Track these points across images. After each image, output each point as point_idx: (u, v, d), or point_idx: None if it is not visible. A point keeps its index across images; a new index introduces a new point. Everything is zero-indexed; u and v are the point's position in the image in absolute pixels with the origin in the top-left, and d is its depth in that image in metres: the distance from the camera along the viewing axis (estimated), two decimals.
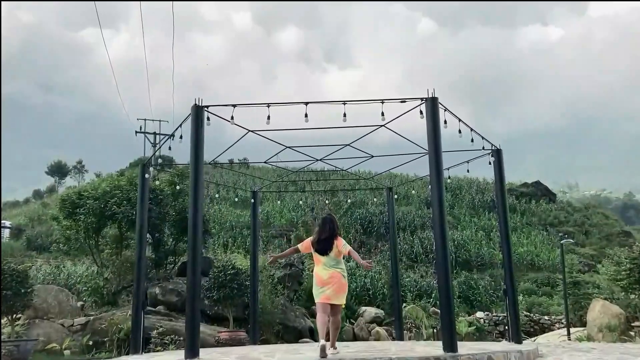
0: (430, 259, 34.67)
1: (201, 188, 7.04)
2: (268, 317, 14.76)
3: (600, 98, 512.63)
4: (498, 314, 22.28)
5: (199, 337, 6.87)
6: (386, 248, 35.93)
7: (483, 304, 30.60)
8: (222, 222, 38.94)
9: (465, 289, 31.19)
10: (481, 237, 39.23)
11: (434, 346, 7.82)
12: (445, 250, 6.97)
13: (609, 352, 9.38)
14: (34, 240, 36.80)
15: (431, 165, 7.13)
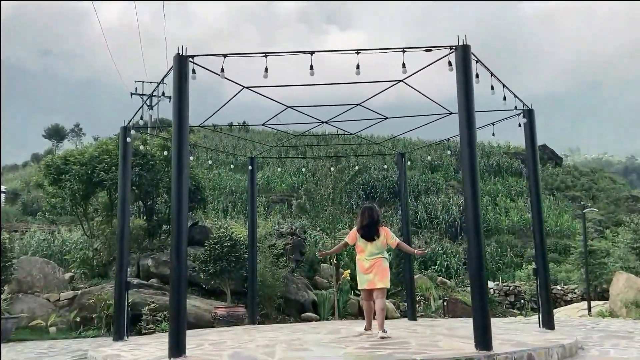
0: (435, 225, 33.79)
1: (185, 154, 5.88)
2: (268, 291, 13.78)
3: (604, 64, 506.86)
4: (508, 284, 21.39)
5: (185, 333, 5.81)
6: (389, 214, 35.02)
7: (489, 270, 29.82)
8: (221, 187, 37.92)
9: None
10: (487, 203, 38.23)
11: (459, 338, 6.80)
12: (478, 236, 5.85)
13: None
14: (30, 205, 35.86)
15: (462, 126, 5.96)
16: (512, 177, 44.73)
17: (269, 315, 13.84)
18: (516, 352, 5.54)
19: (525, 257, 31.34)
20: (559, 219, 36.67)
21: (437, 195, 37.99)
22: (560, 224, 35.76)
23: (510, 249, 32.18)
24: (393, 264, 19.97)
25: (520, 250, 32.34)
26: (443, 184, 40.76)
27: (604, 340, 7.66)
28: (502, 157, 46.88)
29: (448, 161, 44.93)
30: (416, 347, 5.92)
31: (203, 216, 27.96)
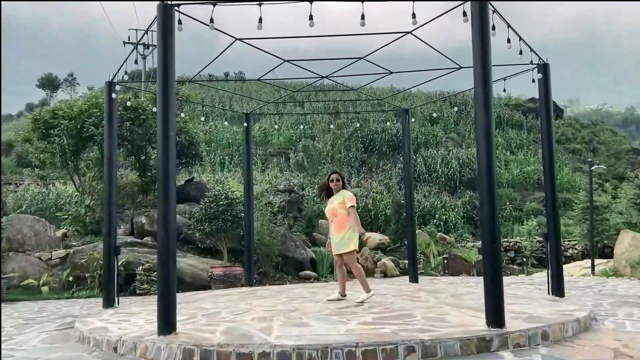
0: (434, 179, 33.38)
1: (172, 113, 5.34)
2: (266, 249, 13.48)
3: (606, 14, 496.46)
4: (508, 240, 21.18)
5: (176, 308, 5.42)
6: (388, 167, 34.58)
7: None
8: (218, 140, 37.26)
9: (469, 209, 30.19)
10: None
11: (467, 310, 6.44)
12: (493, 208, 5.37)
13: None
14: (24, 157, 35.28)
15: (477, 82, 5.41)
16: (513, 130, 44.09)
17: (267, 273, 13.58)
18: (530, 330, 5.18)
19: (525, 210, 31.14)
20: (559, 173, 36.25)
21: (436, 149, 37.43)
22: (561, 178, 35.36)
23: (510, 202, 31.93)
24: (392, 219, 19.69)
25: (520, 204, 32.10)
26: (443, 136, 40.15)
27: (615, 308, 7.34)
28: (503, 109, 46.09)
29: (448, 113, 44.16)
30: (422, 322, 5.55)
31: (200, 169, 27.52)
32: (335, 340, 4.81)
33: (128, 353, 5.27)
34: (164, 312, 5.28)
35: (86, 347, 5.73)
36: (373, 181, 32.46)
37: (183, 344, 4.99)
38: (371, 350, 4.70)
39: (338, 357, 4.67)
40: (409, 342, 4.77)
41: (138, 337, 5.38)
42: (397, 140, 37.76)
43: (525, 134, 43.70)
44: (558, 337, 5.37)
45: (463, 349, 4.86)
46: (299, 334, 5.11)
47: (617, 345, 5.17)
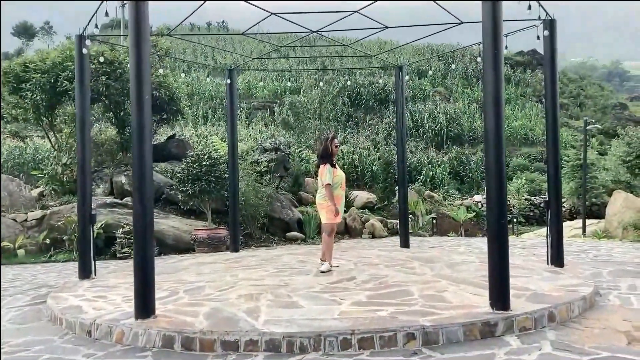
0: (421, 134, 32.93)
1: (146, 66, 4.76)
2: (252, 210, 13.04)
3: None
4: None
5: (154, 291, 4.98)
6: (375, 122, 34.01)
7: (474, 180, 29.53)
8: (200, 92, 36.27)
9: (456, 164, 29.97)
10: (474, 110, 37.33)
11: (466, 285, 6.09)
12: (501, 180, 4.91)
13: None
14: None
15: (486, 41, 4.88)
16: None
17: (253, 235, 13.20)
18: (537, 312, 4.85)
19: (511, 166, 30.99)
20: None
21: (423, 103, 36.88)
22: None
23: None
24: (380, 177, 19.35)
25: (507, 160, 31.93)
26: (430, 90, 39.51)
27: (616, 278, 7.06)
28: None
29: (436, 66, 43.38)
30: (420, 302, 5.19)
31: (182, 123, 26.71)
32: (329, 327, 4.43)
33: (103, 338, 4.86)
34: (141, 295, 4.84)
35: (58, 329, 5.30)
36: (360, 136, 31.95)
37: (163, 330, 4.58)
38: (368, 338, 4.34)
39: (332, 345, 4.30)
40: (409, 328, 4.41)
41: (114, 320, 4.95)
42: (384, 94, 37.06)
43: (513, 88, 43.25)
44: (564, 317, 5.06)
45: (466, 334, 4.51)
46: (289, 318, 4.72)
47: (627, 327, 4.86)
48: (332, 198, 7.21)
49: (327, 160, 7.36)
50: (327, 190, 7.20)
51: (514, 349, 4.32)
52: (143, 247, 4.81)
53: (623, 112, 43.74)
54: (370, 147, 29.82)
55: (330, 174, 7.21)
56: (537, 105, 40.58)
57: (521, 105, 40.31)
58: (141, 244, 4.81)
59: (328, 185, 7.19)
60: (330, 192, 7.19)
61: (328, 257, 7.24)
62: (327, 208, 7.21)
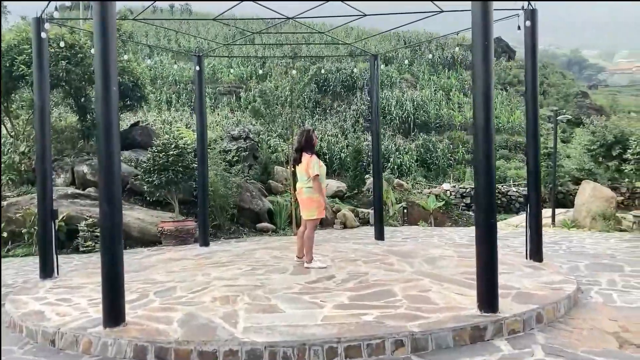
0: (388, 121, 32.87)
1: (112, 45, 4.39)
2: (221, 201, 12.67)
3: None
4: (465, 186, 21.08)
5: (123, 298, 4.65)
6: (342, 108, 33.79)
7: (440, 167, 29.73)
8: (164, 76, 35.31)
9: (423, 152, 30.10)
10: (440, 97, 37.48)
11: (449, 284, 5.93)
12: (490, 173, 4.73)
13: None
14: None
15: (476, 33, 4.66)
16: (466, 71, 43.81)
17: (222, 226, 12.84)
18: (525, 313, 4.72)
19: None
20: (511, 115, 36.49)
21: (390, 90, 36.78)
22: (512, 120, 35.62)
23: (462, 145, 31.99)
24: (350, 166, 19.13)
25: (472, 147, 32.19)
26: (397, 77, 39.45)
27: (594, 272, 7.03)
28: (457, 50, 45.54)
29: (403, 53, 43.32)
30: (405, 304, 4.99)
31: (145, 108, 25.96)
32: (313, 335, 4.19)
33: (68, 348, 4.51)
34: (110, 301, 4.50)
35: (17, 338, 4.92)
36: (327, 123, 31.70)
37: (134, 340, 4.27)
38: (355, 346, 4.12)
39: (317, 354, 4.06)
40: (397, 335, 4.20)
41: (80, 328, 4.60)
42: (351, 80, 36.81)
43: None
44: (551, 317, 4.95)
45: (456, 339, 4.34)
46: (270, 325, 4.46)
47: (615, 327, 4.77)
48: (322, 191, 6.94)
49: (312, 151, 7.06)
50: (316, 183, 6.87)
51: (506, 355, 4.16)
52: (111, 250, 4.46)
53: (584, 101, 44.63)
54: (338, 134, 29.63)
55: (318, 165, 6.92)
56: (501, 93, 41.02)
57: None
58: (109, 247, 4.46)
59: (317, 177, 6.87)
60: (319, 184, 6.89)
61: (309, 255, 6.97)
62: (317, 203, 6.91)
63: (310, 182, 6.91)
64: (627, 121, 21.93)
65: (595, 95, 52.47)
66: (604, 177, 20.10)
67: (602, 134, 19.93)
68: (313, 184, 6.89)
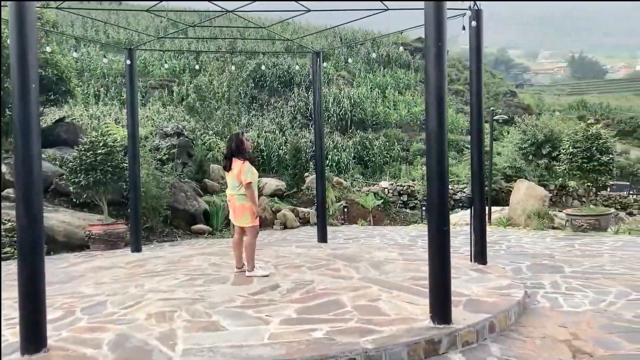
0: (325, 118, 32.74)
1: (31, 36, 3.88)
2: (153, 202, 12.05)
3: None
4: (402, 184, 21.22)
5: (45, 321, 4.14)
6: (280, 104, 33.39)
7: (377, 164, 29.96)
8: (91, 69, 33.67)
9: (360, 149, 30.23)
10: (376, 95, 37.78)
11: (399, 292, 5.73)
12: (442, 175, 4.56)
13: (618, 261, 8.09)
14: None
15: (429, 33, 4.47)
16: (401, 70, 44.42)
17: (154, 229, 12.23)
18: (478, 323, 4.57)
19: (411, 151, 31.74)
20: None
21: (327, 87, 36.70)
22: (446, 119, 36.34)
23: (397, 142, 32.36)
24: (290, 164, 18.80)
25: (407, 145, 32.65)
26: (334, 74, 39.44)
27: (536, 274, 7.06)
28: (392, 48, 46.08)
29: (339, 50, 43.35)
30: (356, 316, 4.74)
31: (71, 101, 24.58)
32: (259, 357, 3.85)
33: None
34: (28, 325, 3.98)
35: None
36: (265, 119, 31.23)
37: None
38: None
39: None
40: (350, 353, 3.93)
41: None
42: (288, 76, 36.46)
43: (413, 74, 44.24)
44: (503, 326, 4.84)
45: (410, 355, 4.13)
46: (212, 346, 4.08)
47: (566, 335, 4.72)
48: (255, 199, 6.58)
49: (245, 157, 6.68)
50: (249, 190, 6.51)
51: None
52: (31, 267, 3.93)
53: (513, 100, 46.26)
54: (276, 130, 29.23)
55: (251, 172, 6.56)
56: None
57: (421, 91, 41.31)
58: (29, 264, 3.94)
59: (250, 185, 6.52)
60: (252, 192, 6.53)
61: (250, 263, 6.62)
62: (250, 210, 6.56)
63: (242, 189, 6.54)
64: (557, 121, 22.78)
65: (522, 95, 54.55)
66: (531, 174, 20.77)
67: (533, 132, 20.58)
68: (246, 191, 6.52)
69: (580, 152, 11.65)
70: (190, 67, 34.31)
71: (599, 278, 6.78)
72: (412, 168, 29.00)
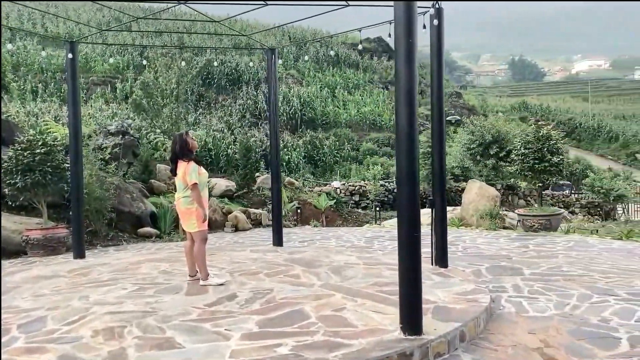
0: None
1: None
2: (97, 204, 11.40)
3: None
4: (354, 184, 21.12)
5: None
6: (228, 103, 32.79)
7: (327, 164, 29.87)
8: (28, 64, 32.04)
9: (310, 148, 30.07)
10: (326, 95, 37.71)
11: (363, 299, 5.49)
12: (413, 178, 4.34)
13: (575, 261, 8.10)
14: None
15: (399, 30, 4.24)
16: (350, 69, 44.53)
17: (98, 232, 11.58)
18: (449, 333, 4.39)
19: (361, 150, 31.80)
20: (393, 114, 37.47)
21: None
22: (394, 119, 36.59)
23: (348, 142, 32.37)
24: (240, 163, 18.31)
25: (357, 144, 32.71)
26: (283, 72, 39.07)
27: (497, 277, 6.99)
28: (340, 47, 46.14)
29: (288, 49, 43.02)
30: (322, 329, 4.46)
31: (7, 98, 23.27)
32: None
33: None
34: None
35: None
36: (212, 117, 30.57)
37: None
38: None
39: None
40: None
41: None
42: (236, 74, 35.86)
43: (362, 74, 44.43)
44: (473, 334, 4.68)
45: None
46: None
47: (536, 342, 4.60)
48: (201, 201, 6.17)
49: (189, 157, 6.25)
50: (194, 191, 6.09)
51: None
52: None
53: (458, 101, 47.15)
54: (224, 129, 28.64)
55: (196, 172, 6.15)
56: (383, 92, 42.14)
57: (369, 91, 41.55)
58: None
59: (195, 186, 6.12)
60: (198, 193, 6.12)
61: (204, 271, 6.22)
62: (197, 214, 6.15)
63: (187, 191, 6.14)
64: (503, 122, 23.22)
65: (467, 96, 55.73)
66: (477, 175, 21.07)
67: (481, 133, 20.89)
68: (191, 193, 6.10)
69: (532, 152, 11.79)
70: (134, 63, 33.25)
71: (559, 280, 6.77)
72: (363, 168, 29.05)
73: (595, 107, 67.42)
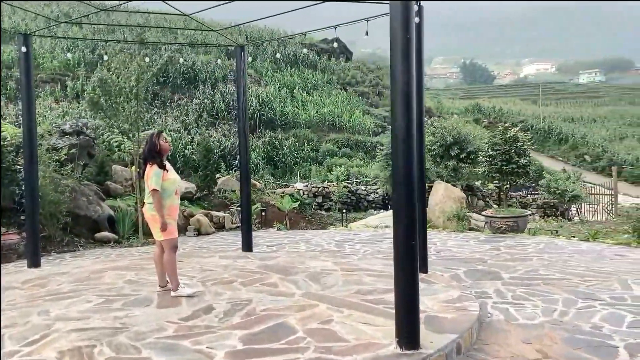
0: (233, 116, 31.83)
1: None
2: (51, 208, 10.74)
3: None
4: (317, 185, 20.87)
5: None
6: (184, 102, 31.97)
7: (287, 165, 29.56)
8: None
9: (269, 149, 29.70)
10: (285, 95, 37.34)
11: (349, 310, 5.21)
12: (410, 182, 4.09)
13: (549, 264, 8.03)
14: None
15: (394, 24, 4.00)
16: (308, 70, 44.29)
17: (53, 237, 10.92)
18: (447, 346, 4.16)
19: (321, 151, 31.60)
20: (352, 115, 37.49)
21: (234, 85, 35.68)
22: (353, 120, 36.60)
23: (307, 142, 32.12)
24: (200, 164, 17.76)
25: (317, 145, 32.49)
26: None
27: (477, 282, 6.86)
28: (298, 47, 45.83)
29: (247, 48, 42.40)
30: (312, 345, 4.15)
31: None
32: None
33: None
34: None
35: None
36: (168, 117, 29.77)
37: None
38: None
39: None
40: None
41: None
42: (192, 72, 35.04)
43: (320, 74, 44.27)
44: (468, 345, 4.49)
45: None
46: None
47: (533, 353, 4.42)
48: (160, 208, 5.66)
49: (154, 161, 5.80)
50: (153, 198, 5.66)
51: None
52: None
53: None
54: (180, 129, 27.92)
55: (157, 177, 5.70)
56: (342, 93, 42.10)
57: (328, 92, 41.42)
58: None
59: (155, 192, 5.65)
60: (158, 200, 5.65)
61: (174, 281, 5.81)
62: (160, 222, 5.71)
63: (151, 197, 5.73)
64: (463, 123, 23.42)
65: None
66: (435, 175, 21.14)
67: (442, 135, 20.96)
68: (152, 199, 5.70)
69: (500, 154, 11.81)
70: (86, 60, 32.06)
71: (540, 284, 6.68)
72: (323, 169, 28.85)
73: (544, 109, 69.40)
